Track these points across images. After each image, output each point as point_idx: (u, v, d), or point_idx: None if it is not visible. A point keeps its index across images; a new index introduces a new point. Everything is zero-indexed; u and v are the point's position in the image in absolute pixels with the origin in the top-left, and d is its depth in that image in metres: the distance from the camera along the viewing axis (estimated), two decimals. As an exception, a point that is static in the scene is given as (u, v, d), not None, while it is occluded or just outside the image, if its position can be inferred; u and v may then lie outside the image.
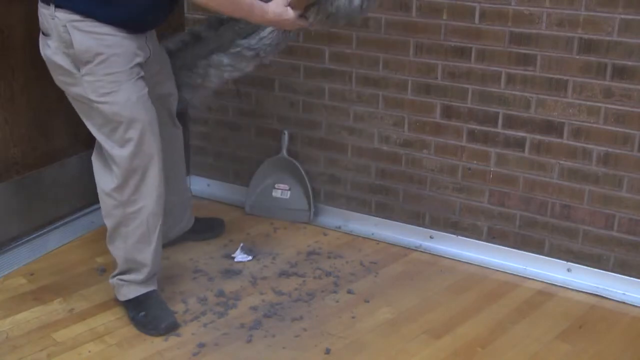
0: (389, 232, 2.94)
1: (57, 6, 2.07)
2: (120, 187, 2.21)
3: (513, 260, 2.67)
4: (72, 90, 2.17)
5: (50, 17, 2.08)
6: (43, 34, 2.16)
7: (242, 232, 2.97)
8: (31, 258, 2.73)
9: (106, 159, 2.23)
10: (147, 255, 2.29)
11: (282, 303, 2.46)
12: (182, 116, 2.84)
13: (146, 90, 2.20)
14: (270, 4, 2.14)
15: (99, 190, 2.27)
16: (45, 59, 2.18)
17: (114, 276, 2.36)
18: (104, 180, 2.24)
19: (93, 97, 2.12)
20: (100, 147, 2.23)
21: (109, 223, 2.29)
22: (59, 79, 2.19)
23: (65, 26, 2.07)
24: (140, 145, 2.17)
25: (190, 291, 2.53)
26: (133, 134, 2.15)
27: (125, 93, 2.12)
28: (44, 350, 2.20)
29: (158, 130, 2.23)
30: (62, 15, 2.06)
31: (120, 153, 2.17)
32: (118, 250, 2.31)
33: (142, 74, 2.19)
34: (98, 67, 2.09)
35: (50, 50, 2.13)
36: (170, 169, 2.57)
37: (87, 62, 2.09)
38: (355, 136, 2.89)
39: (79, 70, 2.10)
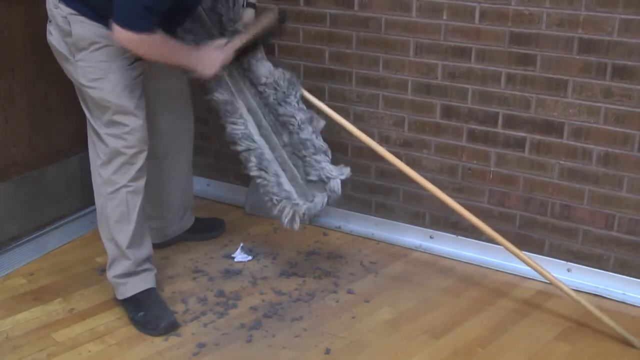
0: (389, 232, 2.94)
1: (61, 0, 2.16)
2: (104, 164, 2.27)
3: (513, 260, 2.67)
4: (70, 74, 2.26)
5: (54, 6, 2.18)
6: (49, 20, 2.25)
7: (242, 232, 2.97)
8: (31, 258, 2.73)
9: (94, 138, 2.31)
10: (126, 233, 2.31)
11: (282, 303, 2.46)
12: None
13: (138, 80, 2.26)
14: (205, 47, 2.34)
15: (91, 169, 2.35)
16: (49, 44, 2.26)
17: (109, 270, 2.38)
18: (95, 158, 2.32)
19: (84, 81, 2.21)
20: (91, 128, 2.30)
21: (97, 202, 2.35)
22: (60, 64, 2.28)
23: (65, 17, 2.16)
24: (126, 128, 2.23)
25: (190, 291, 2.53)
26: (119, 118, 2.22)
27: (113, 80, 2.20)
28: (44, 350, 2.20)
29: (145, 117, 2.28)
30: (65, 8, 2.15)
31: (105, 132, 2.24)
32: (104, 231, 2.36)
33: (136, 64, 2.25)
34: (92, 55, 2.18)
35: (52, 36, 2.23)
36: (174, 157, 2.64)
37: (83, 49, 2.18)
38: (355, 136, 2.89)
39: (74, 56, 2.19)
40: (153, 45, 2.13)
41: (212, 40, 2.41)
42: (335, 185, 2.40)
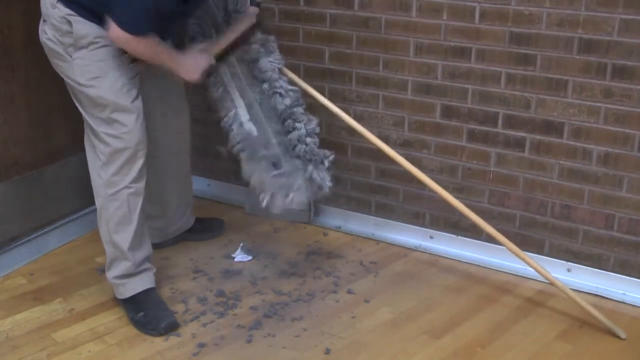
0: (389, 232, 2.94)
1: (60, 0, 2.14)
2: (104, 165, 2.26)
3: (513, 260, 2.67)
4: (64, 73, 2.24)
5: (51, 6, 2.16)
6: (43, 19, 2.23)
7: (242, 232, 2.97)
8: (31, 258, 2.73)
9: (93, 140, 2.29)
10: (127, 235, 2.31)
11: (282, 303, 2.46)
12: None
13: (135, 80, 2.25)
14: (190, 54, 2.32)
15: (90, 170, 2.33)
16: (42, 43, 2.24)
17: (108, 270, 2.38)
18: (94, 159, 2.30)
19: (81, 80, 2.20)
20: (89, 128, 2.29)
21: (97, 203, 2.34)
22: (53, 62, 2.26)
23: (64, 17, 2.14)
24: (124, 128, 2.22)
25: (190, 291, 2.53)
26: (117, 116, 2.22)
27: (111, 79, 2.19)
28: (44, 350, 2.20)
29: (142, 115, 2.27)
30: (63, 8, 2.14)
31: (104, 131, 2.23)
32: (103, 232, 2.35)
33: (133, 64, 2.25)
34: (90, 53, 2.17)
35: (46, 35, 2.21)
36: (171, 155, 2.64)
37: (82, 48, 2.16)
38: (355, 136, 2.88)
39: (71, 55, 2.18)
40: (142, 46, 2.13)
41: (215, 24, 2.41)
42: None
